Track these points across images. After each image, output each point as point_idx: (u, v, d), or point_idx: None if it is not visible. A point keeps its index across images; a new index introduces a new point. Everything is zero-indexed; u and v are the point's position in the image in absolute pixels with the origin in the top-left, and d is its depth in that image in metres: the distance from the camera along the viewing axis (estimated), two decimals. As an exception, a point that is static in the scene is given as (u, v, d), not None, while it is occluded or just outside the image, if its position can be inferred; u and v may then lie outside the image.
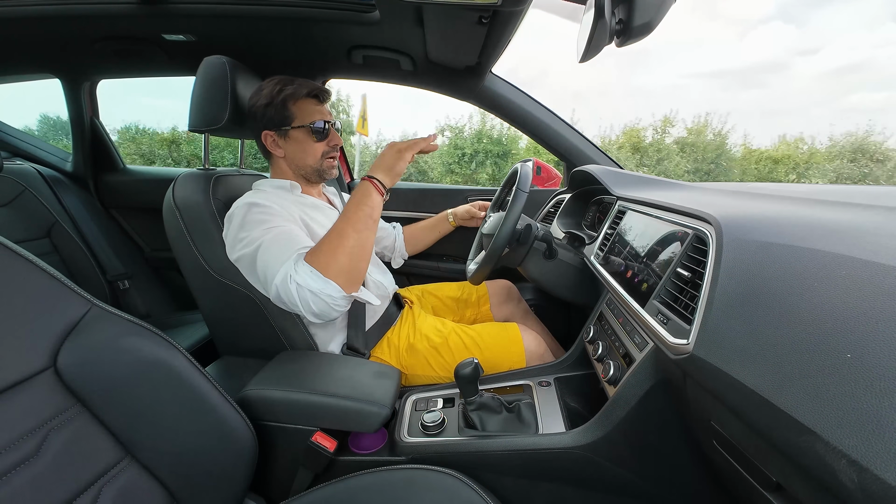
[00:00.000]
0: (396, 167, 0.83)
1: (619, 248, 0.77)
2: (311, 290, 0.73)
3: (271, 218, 0.82)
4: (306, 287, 0.73)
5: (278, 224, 0.81)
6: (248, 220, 0.82)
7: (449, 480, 0.60)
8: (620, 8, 0.55)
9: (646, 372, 0.59)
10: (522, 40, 1.03)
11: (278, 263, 0.75)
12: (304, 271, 0.74)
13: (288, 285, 0.73)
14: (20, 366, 0.46)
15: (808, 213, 0.52)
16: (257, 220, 0.81)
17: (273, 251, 0.77)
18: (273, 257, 0.77)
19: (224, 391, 0.61)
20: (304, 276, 0.73)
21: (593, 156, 1.33)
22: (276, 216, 0.83)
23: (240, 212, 0.83)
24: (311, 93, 0.92)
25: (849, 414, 0.28)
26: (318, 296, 0.73)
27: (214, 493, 0.59)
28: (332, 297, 0.74)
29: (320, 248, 0.77)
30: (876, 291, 0.33)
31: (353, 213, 0.80)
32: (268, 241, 0.78)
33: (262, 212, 0.82)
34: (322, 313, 0.76)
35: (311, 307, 0.74)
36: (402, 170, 0.83)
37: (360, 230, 0.79)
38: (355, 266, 0.78)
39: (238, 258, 0.83)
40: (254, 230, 0.80)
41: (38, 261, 0.50)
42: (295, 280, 0.73)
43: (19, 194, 1.41)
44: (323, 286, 0.73)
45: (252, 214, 0.82)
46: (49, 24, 1.13)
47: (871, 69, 18.34)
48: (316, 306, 0.74)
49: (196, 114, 0.96)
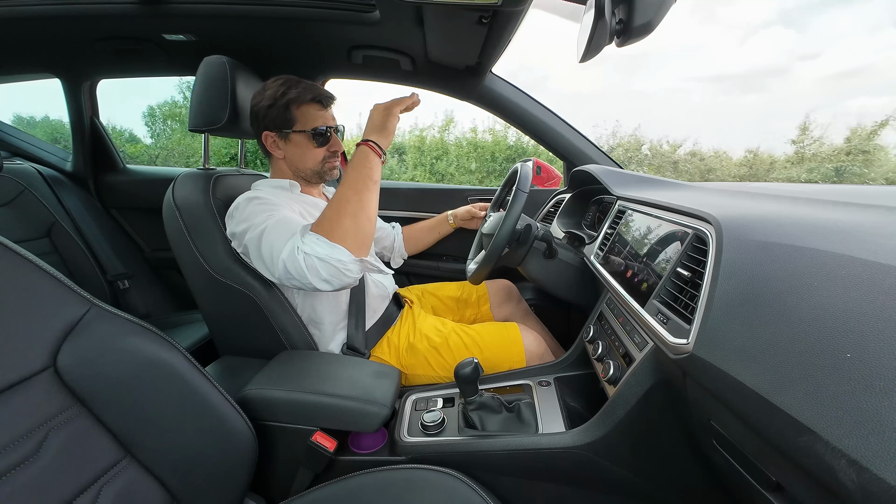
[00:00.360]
0: (388, 125, 0.82)
1: (619, 247, 0.77)
2: (319, 257, 0.72)
3: (272, 206, 0.83)
4: (314, 254, 0.72)
5: (279, 212, 0.82)
6: (250, 210, 0.82)
7: (449, 480, 0.60)
8: (620, 8, 0.55)
9: (646, 372, 0.59)
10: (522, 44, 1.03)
11: (283, 240, 0.76)
12: (310, 240, 0.73)
13: (295, 256, 0.72)
14: (20, 366, 0.46)
15: (808, 213, 0.52)
16: (259, 210, 0.82)
17: (277, 231, 0.78)
18: (277, 236, 0.77)
19: (224, 391, 0.61)
20: (311, 243, 0.73)
21: (593, 156, 1.33)
22: (278, 206, 0.84)
23: (241, 206, 0.84)
24: (315, 97, 0.92)
25: (848, 413, 0.28)
26: (327, 261, 0.72)
27: (214, 492, 0.59)
28: (342, 262, 0.73)
29: (324, 216, 0.77)
30: (876, 291, 0.33)
31: (351, 178, 0.79)
32: (271, 225, 0.79)
33: (262, 202, 0.83)
34: (332, 278, 0.74)
35: (319, 273, 0.73)
36: (394, 127, 0.83)
37: (360, 191, 0.78)
38: (361, 228, 0.77)
39: (244, 247, 0.82)
40: (257, 217, 0.81)
41: (38, 261, 0.50)
42: (302, 250, 0.72)
43: (19, 194, 1.41)
44: (330, 251, 0.72)
45: (253, 206, 0.83)
46: (49, 24, 1.13)
47: (872, 74, 18.42)
48: (325, 272, 0.73)
49: (196, 114, 0.96)
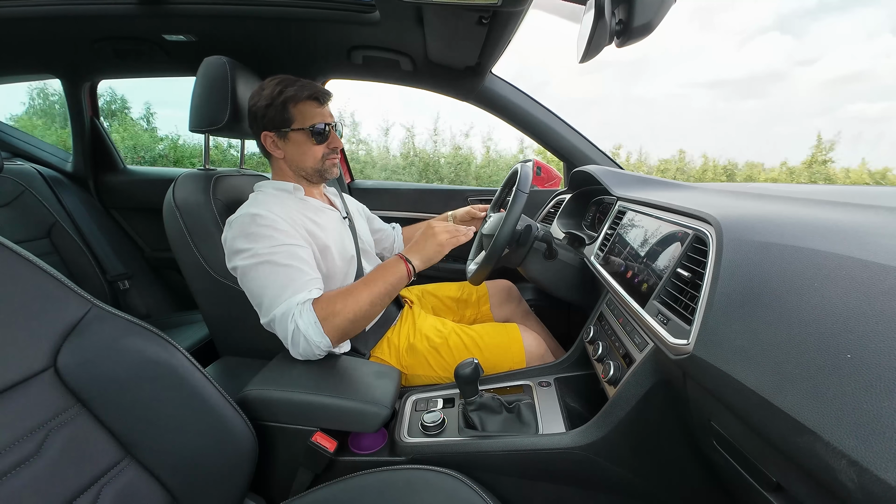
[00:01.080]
0: (434, 258, 0.87)
1: (619, 248, 0.77)
2: (306, 337, 0.75)
3: (276, 234, 0.81)
4: (304, 333, 0.75)
5: (284, 241, 0.81)
6: (251, 231, 0.81)
7: (449, 481, 0.60)
8: (620, 8, 0.55)
9: (646, 372, 0.59)
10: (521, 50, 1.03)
11: (280, 294, 0.77)
12: (307, 319, 0.76)
13: (287, 323, 0.75)
14: (20, 366, 0.46)
15: (808, 213, 0.52)
16: (262, 234, 0.80)
17: (278, 278, 0.78)
18: (277, 285, 0.78)
19: (224, 391, 0.61)
20: (307, 323, 0.75)
21: (593, 156, 1.33)
22: (282, 232, 0.82)
23: (243, 220, 0.82)
24: (311, 95, 0.91)
25: (849, 414, 0.28)
26: (310, 343, 0.76)
27: (214, 493, 0.59)
28: (320, 349, 0.78)
29: (332, 303, 0.78)
30: (876, 291, 0.33)
31: (376, 286, 0.81)
32: (273, 262, 0.78)
33: (266, 225, 0.81)
34: (303, 355, 0.79)
35: (298, 348, 0.77)
36: (437, 259, 0.87)
37: (374, 304, 0.81)
38: (354, 330, 0.80)
39: (236, 267, 0.82)
40: (257, 243, 0.79)
41: (39, 261, 0.50)
42: (296, 321, 0.75)
43: (19, 194, 1.41)
44: (319, 339, 0.76)
45: (256, 226, 0.81)
46: (49, 24, 1.13)
47: (870, 79, 18.52)
48: (303, 349, 0.77)
49: (196, 114, 0.96)
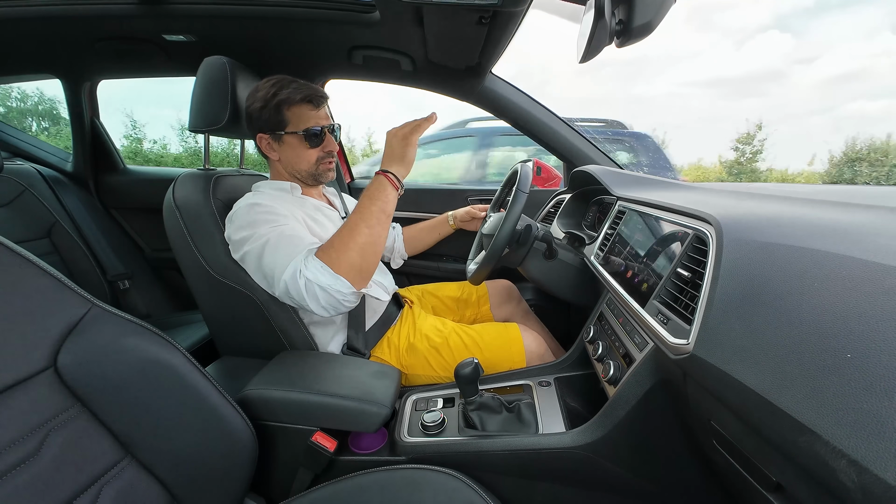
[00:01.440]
0: (407, 155, 0.81)
1: (619, 248, 0.77)
2: (321, 286, 0.73)
3: (276, 217, 0.82)
4: (315, 282, 0.73)
5: (284, 223, 0.81)
6: (252, 218, 0.82)
7: (449, 480, 0.60)
8: (620, 8, 0.55)
9: (646, 372, 0.59)
10: (521, 50, 1.04)
11: (286, 259, 0.76)
12: (314, 266, 0.74)
13: (297, 280, 0.73)
14: (20, 366, 0.46)
15: (808, 213, 0.52)
16: (262, 219, 0.81)
17: (281, 248, 0.78)
18: (281, 254, 0.77)
19: (224, 391, 0.61)
20: (315, 271, 0.74)
21: (594, 156, 1.33)
22: (281, 215, 0.83)
23: (242, 212, 0.83)
24: (305, 98, 0.90)
25: (849, 414, 0.28)
26: (328, 291, 0.74)
27: (214, 492, 0.59)
28: (342, 293, 0.75)
29: (332, 244, 0.77)
30: (876, 291, 0.33)
31: (366, 209, 0.78)
32: (274, 239, 0.78)
33: (265, 211, 0.82)
34: (330, 307, 0.76)
35: (319, 301, 0.74)
36: (413, 156, 0.81)
37: (372, 226, 0.77)
38: (366, 262, 0.77)
39: (243, 255, 0.82)
40: (259, 227, 0.80)
41: (39, 261, 0.50)
42: (305, 275, 0.73)
43: (19, 194, 1.41)
44: (333, 282, 0.74)
45: (255, 214, 0.82)
46: (49, 24, 1.13)
47: (870, 78, 18.58)
48: (325, 301, 0.75)
49: (196, 114, 0.96)
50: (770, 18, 41.11)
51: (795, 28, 35.13)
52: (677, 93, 21.47)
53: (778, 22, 37.29)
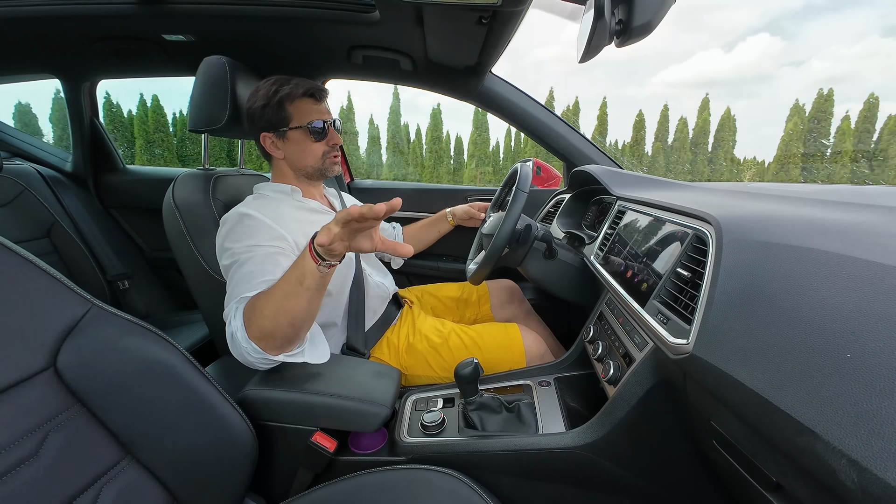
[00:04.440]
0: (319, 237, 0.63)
1: (619, 248, 0.77)
2: (234, 337, 0.69)
3: (257, 235, 0.78)
4: (237, 335, 0.69)
5: (260, 243, 0.77)
6: (235, 230, 0.80)
7: (449, 480, 0.60)
8: (620, 8, 0.55)
9: (646, 372, 0.59)
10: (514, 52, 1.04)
11: (233, 291, 0.73)
12: (237, 322, 0.69)
13: (228, 325, 0.71)
14: (20, 366, 0.46)
15: (808, 213, 0.52)
16: (243, 234, 0.78)
17: (240, 276, 0.74)
18: (234, 283, 0.74)
19: (224, 391, 0.61)
20: (237, 326, 0.69)
21: (593, 156, 1.33)
22: (263, 234, 0.78)
23: (232, 220, 0.82)
24: (307, 92, 0.90)
25: (849, 414, 0.28)
26: (241, 350, 0.69)
27: (214, 492, 0.59)
28: (252, 356, 0.69)
29: (252, 304, 0.70)
30: (876, 291, 0.33)
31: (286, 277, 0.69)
32: (242, 262, 0.75)
33: (251, 225, 0.79)
34: (246, 363, 0.71)
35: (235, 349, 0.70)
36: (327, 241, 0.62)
37: (287, 294, 0.67)
38: (279, 331, 0.68)
39: (222, 266, 0.81)
40: (236, 243, 0.78)
41: (38, 261, 0.50)
42: (232, 324, 0.70)
43: (19, 194, 1.41)
44: (245, 344, 0.68)
45: (241, 226, 0.80)
46: (49, 24, 1.13)
47: (858, 80, 18.64)
48: (240, 357, 0.70)
49: (196, 114, 0.96)
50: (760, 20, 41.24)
51: (786, 31, 35.20)
52: (668, 94, 21.63)
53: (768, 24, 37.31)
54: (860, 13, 41.47)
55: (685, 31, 32.71)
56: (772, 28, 35.93)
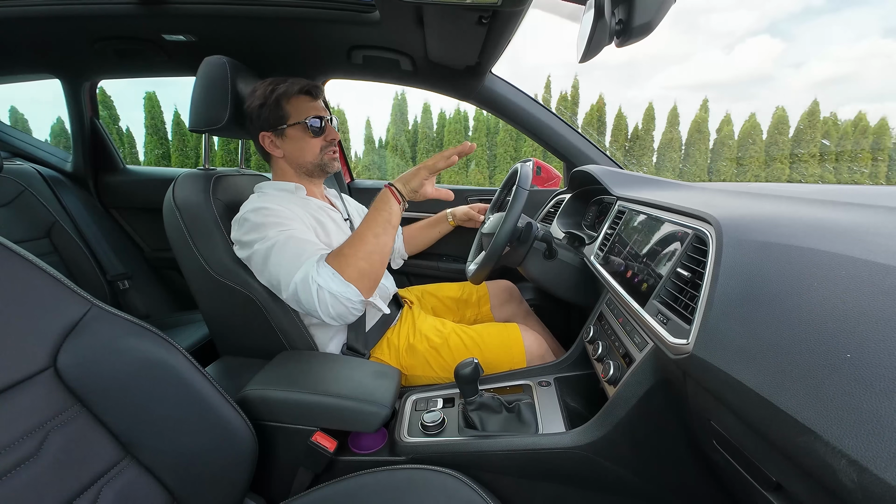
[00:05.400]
0: (411, 182, 0.86)
1: (619, 248, 0.77)
2: (332, 293, 0.75)
3: (284, 220, 0.83)
4: (327, 289, 0.75)
5: (292, 227, 0.83)
6: (260, 221, 0.82)
7: (449, 480, 0.60)
8: (620, 8, 0.55)
9: (646, 372, 0.59)
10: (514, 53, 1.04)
11: (296, 263, 0.77)
12: (325, 273, 0.75)
13: (309, 285, 0.75)
14: (20, 366, 0.46)
15: (808, 213, 0.52)
16: (271, 222, 0.82)
17: (289, 251, 0.78)
18: (288, 257, 0.78)
19: (224, 391, 0.61)
20: (326, 277, 0.75)
21: (593, 156, 1.33)
22: (289, 219, 0.84)
23: (251, 215, 0.84)
24: (303, 89, 0.93)
25: (849, 414, 0.28)
26: (338, 298, 0.75)
27: (214, 492, 0.59)
28: (351, 301, 0.76)
29: (341, 251, 0.79)
30: (876, 291, 0.33)
31: (372, 219, 0.82)
32: (282, 241, 0.79)
33: (274, 214, 0.84)
34: (339, 316, 0.78)
35: (328, 310, 0.76)
36: (416, 184, 0.86)
37: (378, 234, 0.81)
38: (373, 270, 0.80)
39: (249, 255, 0.83)
40: (268, 230, 0.81)
41: (38, 261, 0.50)
42: (316, 281, 0.75)
43: (19, 194, 1.41)
44: (343, 289, 0.75)
45: (264, 217, 0.83)
46: (49, 24, 1.13)
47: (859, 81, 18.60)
48: (334, 309, 0.76)
49: (196, 114, 0.96)
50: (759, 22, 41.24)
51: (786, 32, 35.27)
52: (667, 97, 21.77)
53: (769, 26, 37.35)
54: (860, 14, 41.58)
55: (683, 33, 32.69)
56: (771, 29, 35.98)
